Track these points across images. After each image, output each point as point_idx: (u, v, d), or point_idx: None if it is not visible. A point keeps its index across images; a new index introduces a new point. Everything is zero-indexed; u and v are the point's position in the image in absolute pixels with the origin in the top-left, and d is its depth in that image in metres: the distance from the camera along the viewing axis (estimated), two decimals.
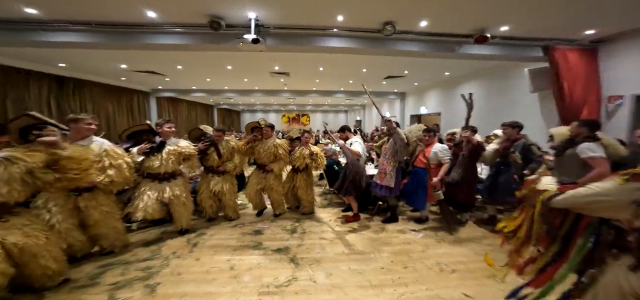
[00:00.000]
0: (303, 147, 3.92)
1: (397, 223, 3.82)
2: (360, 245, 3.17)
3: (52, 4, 3.46)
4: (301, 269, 2.65)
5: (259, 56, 5.90)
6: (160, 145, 3.07)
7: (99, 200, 2.64)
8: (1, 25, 3.88)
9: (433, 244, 3.25)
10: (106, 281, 2.40)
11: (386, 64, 7.07)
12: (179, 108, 13.04)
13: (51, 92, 7.05)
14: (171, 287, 2.33)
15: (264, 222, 3.85)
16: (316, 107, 21.48)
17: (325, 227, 3.72)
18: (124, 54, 6.04)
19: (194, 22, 4.01)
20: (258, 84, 10.54)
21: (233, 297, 2.21)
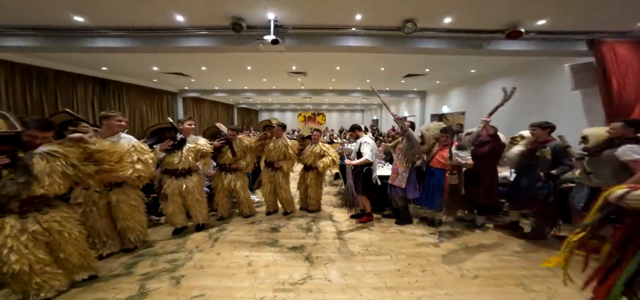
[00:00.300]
0: (313, 145, 4.00)
1: (415, 226, 3.72)
2: (376, 247, 3.13)
3: (96, 12, 3.78)
4: (316, 267, 2.68)
5: (277, 56, 6.02)
6: (181, 142, 3.21)
7: (128, 195, 2.81)
8: (54, 32, 4.35)
9: (454, 248, 3.13)
10: (138, 271, 2.57)
11: (406, 62, 6.89)
12: (202, 107, 13.76)
13: (95, 93, 7.83)
14: (194, 279, 2.45)
15: (280, 220, 3.93)
16: (332, 107, 21.49)
17: (341, 226, 3.72)
18: (156, 57, 6.46)
19: (217, 24, 4.18)
20: (276, 83, 10.73)
21: (250, 292, 2.28)
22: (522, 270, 2.68)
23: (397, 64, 7.18)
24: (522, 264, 2.79)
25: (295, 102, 18.24)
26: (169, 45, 4.54)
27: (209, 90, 12.03)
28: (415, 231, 3.57)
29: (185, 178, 3.23)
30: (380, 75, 8.57)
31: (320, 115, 22.74)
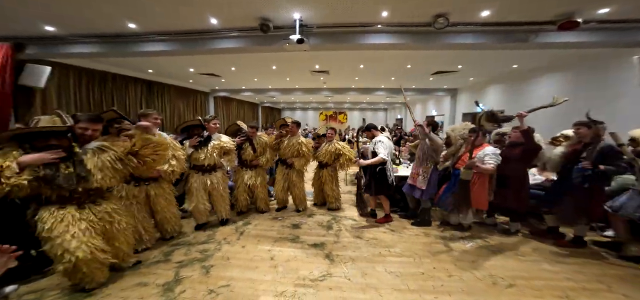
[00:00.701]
0: (328, 143, 4.06)
1: (441, 229, 3.56)
2: (399, 248, 3.06)
3: (145, 19, 4.18)
4: (336, 265, 2.69)
5: (301, 56, 6.11)
6: (206, 140, 3.34)
7: (164, 188, 3.01)
8: (112, 39, 4.92)
9: (486, 254, 2.95)
10: (174, 259, 2.77)
11: (435, 58, 6.60)
12: (230, 106, 14.57)
13: (142, 93, 8.75)
14: (221, 270, 2.58)
15: (301, 216, 3.99)
16: (354, 105, 21.27)
17: (362, 226, 3.67)
18: (192, 59, 6.94)
19: (247, 25, 4.38)
20: (299, 82, 10.89)
21: (272, 285, 2.35)
22: (567, 281, 2.45)
23: (425, 61, 6.90)
24: (567, 275, 2.55)
25: (317, 100, 18.40)
26: (204, 47, 4.87)
27: (236, 90, 12.60)
28: (442, 234, 3.42)
29: (211, 174, 3.36)
30: (406, 73, 8.31)
31: (341, 114, 22.60)
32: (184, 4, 3.60)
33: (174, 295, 2.18)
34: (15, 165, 1.78)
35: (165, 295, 2.17)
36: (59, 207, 2.01)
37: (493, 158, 3.04)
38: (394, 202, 4.33)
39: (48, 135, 1.96)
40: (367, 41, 4.48)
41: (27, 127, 2.02)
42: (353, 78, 9.62)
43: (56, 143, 1.97)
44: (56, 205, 2.02)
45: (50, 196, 2.00)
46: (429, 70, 8.01)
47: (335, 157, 4.07)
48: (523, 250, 3.05)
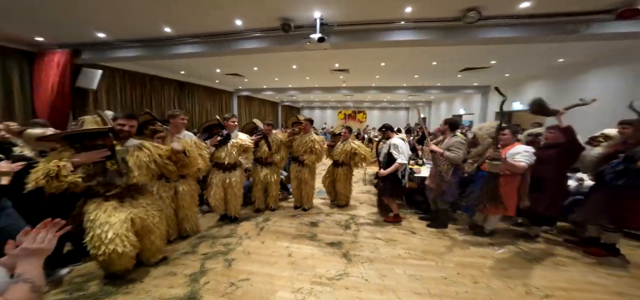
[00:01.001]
0: (344, 143, 4.07)
1: (467, 233, 3.40)
2: (420, 251, 2.97)
3: (179, 23, 4.46)
4: (353, 265, 2.67)
5: (321, 55, 6.11)
6: (226, 138, 3.41)
7: (190, 185, 3.11)
8: (151, 43, 5.35)
9: (519, 262, 2.77)
10: (200, 251, 2.91)
11: (464, 54, 6.23)
12: (252, 105, 15.07)
13: (175, 93, 9.39)
14: (242, 264, 2.68)
15: (319, 215, 4.01)
16: (374, 104, 20.76)
17: (381, 227, 3.62)
18: (218, 60, 7.25)
19: (269, 26, 4.48)
20: (318, 81, 10.91)
21: (289, 282, 2.40)
22: (617, 296, 2.24)
23: (453, 57, 6.55)
24: (619, 288, 2.33)
25: (336, 99, 18.30)
26: (230, 48, 5.08)
27: (258, 89, 12.94)
28: (468, 239, 3.26)
29: (230, 172, 3.44)
30: (431, 70, 7.99)
31: (361, 113, 22.24)
32: (213, 6, 3.76)
33: (199, 286, 2.30)
34: (70, 164, 1.95)
35: (191, 286, 2.30)
36: (103, 200, 2.16)
37: (526, 156, 2.82)
38: (417, 204, 4.23)
39: (94, 135, 2.13)
40: (389, 38, 4.37)
41: (76, 129, 2.19)
42: (373, 76, 9.45)
43: (102, 142, 2.13)
44: (101, 198, 2.17)
45: (98, 190, 2.15)
46: (456, 67, 7.62)
47: (350, 156, 4.08)
48: (561, 259, 2.83)
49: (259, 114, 15.61)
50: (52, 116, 5.47)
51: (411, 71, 8.40)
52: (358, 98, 16.65)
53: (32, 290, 0.82)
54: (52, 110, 5.59)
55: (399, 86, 11.33)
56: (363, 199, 4.82)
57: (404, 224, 3.69)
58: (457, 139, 3.34)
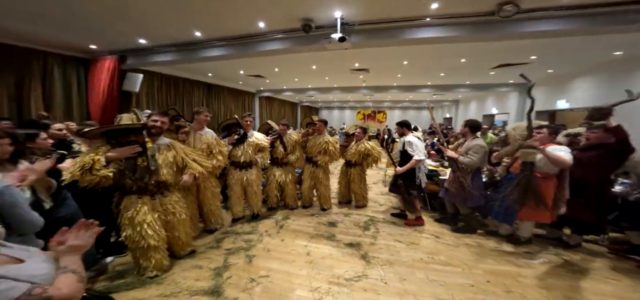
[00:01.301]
0: (358, 143, 4.05)
1: (500, 240, 3.20)
2: (444, 256, 2.85)
3: (207, 27, 4.69)
4: (372, 267, 2.63)
5: (341, 55, 6.06)
6: (243, 137, 3.47)
7: (211, 181, 3.18)
8: (183, 47, 5.71)
9: (560, 272, 2.57)
10: (224, 246, 3.02)
11: (498, 50, 5.75)
12: (273, 105, 15.52)
13: (203, 95, 9.99)
14: (262, 260, 2.74)
15: (337, 215, 3.99)
16: (395, 104, 20.14)
17: (402, 229, 3.52)
18: (242, 62, 7.46)
19: (290, 27, 4.55)
20: (337, 81, 10.85)
21: (307, 280, 2.41)
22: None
23: (485, 54, 6.10)
24: None
25: (355, 99, 18.04)
26: (253, 50, 5.24)
27: (278, 90, 13.19)
28: (499, 247, 3.07)
29: (247, 170, 3.52)
30: (459, 67, 7.57)
31: (380, 113, 21.72)
32: (237, 9, 3.88)
33: (222, 279, 2.39)
34: (103, 159, 2.06)
35: (215, 279, 2.39)
36: (137, 197, 2.26)
37: (565, 153, 2.58)
38: (441, 208, 4.04)
39: (128, 132, 2.22)
40: (413, 36, 4.22)
41: (111, 125, 2.36)
42: (395, 75, 9.21)
43: (134, 139, 2.21)
44: (135, 195, 2.26)
45: (131, 187, 2.24)
46: (489, 64, 7.12)
47: (363, 157, 4.08)
48: (611, 271, 2.59)
49: (278, 114, 15.96)
50: (103, 117, 6.09)
51: (437, 69, 8.04)
52: (378, 98, 16.29)
53: (78, 280, 0.92)
54: (103, 112, 6.23)
55: (422, 85, 10.92)
56: (382, 201, 4.73)
57: (427, 228, 3.57)
58: (477, 142, 3.17)
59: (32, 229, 1.45)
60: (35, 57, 5.62)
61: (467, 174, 3.16)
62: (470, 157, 3.11)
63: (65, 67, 6.11)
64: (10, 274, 0.81)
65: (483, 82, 9.82)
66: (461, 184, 3.13)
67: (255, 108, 13.41)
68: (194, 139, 2.99)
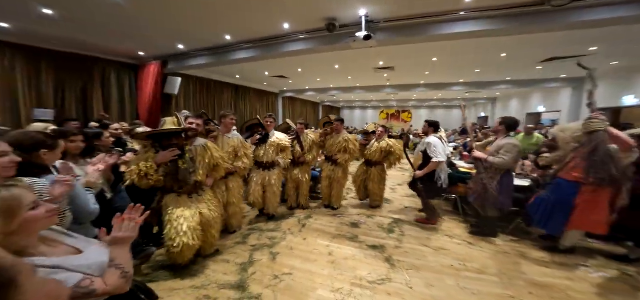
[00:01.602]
0: (379, 141, 3.96)
1: (547, 252, 2.90)
2: (479, 264, 2.67)
3: (236, 30, 4.91)
4: (397, 271, 2.54)
5: (365, 53, 5.96)
6: (265, 137, 3.47)
7: (238, 182, 3.21)
8: (215, 51, 6.07)
9: (622, 288, 2.31)
10: (250, 242, 3.09)
11: (548, 41, 5.15)
12: (295, 105, 15.83)
13: (232, 96, 10.59)
14: (285, 258, 2.77)
15: (360, 216, 3.92)
16: (421, 103, 19.16)
17: (431, 234, 3.36)
18: (266, 63, 7.70)
19: (314, 27, 4.58)
20: (360, 81, 10.72)
21: (329, 280, 2.40)
22: None
23: (531, 46, 5.49)
24: None
25: (378, 98, 17.58)
26: (278, 51, 5.38)
27: (301, 90, 13.38)
28: (543, 256, 2.80)
29: (269, 171, 3.52)
30: (498, 63, 7.02)
31: (405, 113, 20.88)
32: (263, 11, 3.99)
33: (247, 275, 2.46)
34: (154, 164, 2.18)
35: (241, 274, 2.46)
36: (177, 196, 2.37)
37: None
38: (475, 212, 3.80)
39: (170, 135, 2.31)
40: (445, 31, 4.01)
41: (156, 129, 2.40)
42: (423, 73, 8.85)
43: (175, 142, 2.31)
44: (175, 194, 2.38)
45: (172, 186, 2.36)
46: (536, 57, 6.43)
47: (385, 155, 3.99)
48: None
49: (301, 114, 16.20)
50: (149, 118, 6.75)
51: (471, 65, 7.53)
52: (403, 97, 15.72)
53: (121, 276, 0.96)
54: (149, 113, 6.90)
55: (454, 82, 10.33)
56: (408, 203, 4.56)
57: (458, 233, 3.37)
58: (510, 141, 2.94)
59: (89, 218, 1.59)
60: (96, 64, 6.42)
61: (494, 175, 2.95)
62: (502, 157, 2.90)
63: (119, 73, 6.87)
64: (66, 264, 0.86)
65: (527, 77, 8.99)
66: (484, 186, 2.94)
67: (279, 108, 13.71)
68: (222, 142, 3.05)
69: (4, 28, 4.60)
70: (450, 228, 3.53)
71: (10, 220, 0.76)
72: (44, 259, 0.83)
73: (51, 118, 5.35)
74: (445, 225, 3.63)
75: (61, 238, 1.01)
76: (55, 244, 0.97)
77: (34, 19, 4.13)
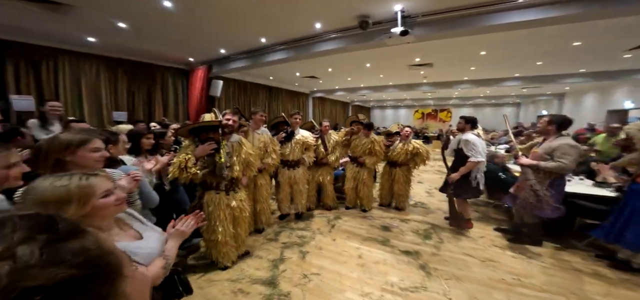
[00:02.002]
0: (404, 142, 3.87)
1: (622, 271, 2.49)
2: (538, 280, 2.37)
3: (270, 33, 5.10)
4: (433, 280, 2.37)
5: (398, 50, 5.67)
6: (290, 135, 3.41)
7: (266, 179, 3.23)
8: (252, 54, 6.38)
9: None
10: (281, 239, 3.13)
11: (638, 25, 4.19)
12: (325, 105, 15.96)
13: (266, 97, 11.21)
14: (314, 258, 2.76)
15: (393, 220, 3.75)
16: (463, 101, 17.45)
17: (476, 243, 3.07)
18: (297, 64, 7.84)
19: (346, 25, 4.52)
20: (393, 79, 10.31)
21: (358, 284, 2.32)
22: None
23: (615, 32, 4.66)
24: None
25: (413, 97, 16.52)
26: (309, 51, 5.43)
27: (331, 90, 13.37)
28: (624, 277, 2.40)
29: (294, 169, 3.50)
30: (569, 53, 6.03)
31: (444, 112, 19.41)
32: (295, 12, 4.05)
33: (278, 271, 2.50)
34: (193, 157, 2.19)
35: (272, 271, 2.51)
36: (215, 192, 2.38)
37: None
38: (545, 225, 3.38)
39: (208, 129, 2.33)
40: (499, 22, 3.60)
41: (195, 122, 2.45)
42: (467, 68, 8.12)
43: (212, 136, 2.32)
44: (214, 190, 2.38)
45: (212, 183, 2.36)
46: (621, 45, 5.44)
47: (411, 156, 3.89)
48: None
49: (330, 114, 16.25)
50: (197, 118, 7.38)
51: (531, 57, 6.58)
52: (442, 94, 14.55)
53: (163, 267, 1.05)
54: (197, 114, 7.61)
55: (507, 77, 9.24)
56: (447, 208, 4.23)
57: (514, 245, 2.99)
58: (566, 142, 2.57)
59: (150, 205, 1.82)
60: (157, 71, 7.35)
61: (544, 179, 2.64)
62: (560, 160, 2.54)
63: (175, 78, 7.78)
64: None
65: (610, 68, 7.64)
66: (535, 193, 2.60)
67: (309, 108, 13.91)
68: (252, 138, 3.11)
69: (91, 42, 5.49)
70: (500, 237, 3.19)
71: (84, 205, 0.87)
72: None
73: (125, 119, 6.27)
74: (494, 234, 3.29)
75: (131, 222, 1.15)
76: (126, 227, 1.10)
77: (112, 32, 4.85)
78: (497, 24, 3.64)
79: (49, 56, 5.41)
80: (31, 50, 5.16)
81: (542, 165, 2.62)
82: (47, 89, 5.41)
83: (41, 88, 5.34)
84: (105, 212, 0.95)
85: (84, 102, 5.96)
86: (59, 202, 0.80)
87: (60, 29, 4.73)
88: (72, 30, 4.79)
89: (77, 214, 0.85)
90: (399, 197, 4.09)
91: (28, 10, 3.83)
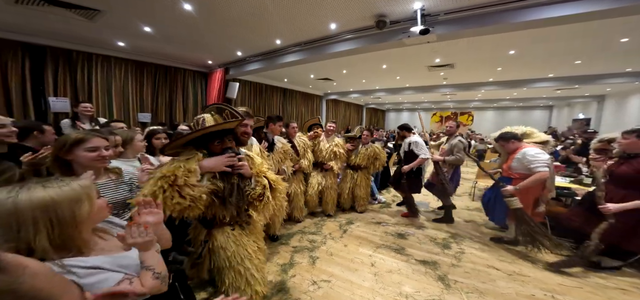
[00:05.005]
0: (366, 146, 3.92)
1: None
2: (574, 297, 2.14)
3: (285, 34, 5.07)
4: (452, 292, 2.19)
5: (418, 50, 5.44)
6: (271, 144, 3.07)
7: (284, 186, 3.20)
8: (266, 55, 6.41)
9: None
10: (292, 243, 3.05)
11: None
12: (338, 107, 15.73)
13: (280, 99, 11.33)
14: (325, 263, 2.66)
15: (408, 227, 3.57)
16: (487, 103, 16.31)
17: (502, 255, 2.82)
18: (311, 66, 7.80)
19: (362, 25, 4.39)
20: (410, 81, 9.94)
21: (370, 293, 2.19)
22: None
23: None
24: None
25: (431, 99, 15.84)
26: (324, 52, 5.35)
27: (345, 92, 13.15)
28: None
29: (326, 173, 3.63)
30: (616, 50, 5.44)
31: (464, 115, 18.49)
32: (311, 11, 3.98)
33: (287, 276, 2.42)
34: (198, 167, 1.41)
35: (281, 276, 2.43)
36: (231, 229, 1.63)
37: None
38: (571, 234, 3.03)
39: (222, 134, 1.53)
40: (532, 17, 3.28)
41: (198, 129, 1.50)
42: (493, 69, 7.61)
43: (229, 145, 1.55)
44: (229, 226, 1.62)
45: (224, 215, 1.56)
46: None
47: (372, 161, 3.94)
48: None
49: (344, 117, 16.06)
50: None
51: (568, 56, 6.04)
52: (463, 96, 13.79)
53: (154, 277, 0.92)
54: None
55: (539, 78, 8.58)
56: (468, 217, 3.97)
57: (547, 258, 2.69)
58: None
59: None
60: (178, 73, 7.62)
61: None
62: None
63: (194, 81, 8.03)
64: (106, 265, 0.87)
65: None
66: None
67: (323, 110, 13.87)
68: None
69: (121, 46, 5.79)
70: (531, 250, 2.89)
71: (92, 204, 0.85)
72: (83, 259, 0.83)
73: (149, 120, 6.62)
74: (521, 246, 3.00)
75: (114, 230, 1.04)
76: (108, 236, 1.00)
77: (139, 37, 5.09)
78: (532, 20, 3.29)
79: (84, 60, 5.77)
80: (68, 54, 5.52)
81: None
82: (81, 91, 5.77)
83: (76, 90, 5.70)
84: (98, 216, 0.92)
85: (113, 103, 6.30)
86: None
87: (93, 35, 5.03)
88: (104, 35, 5.06)
89: (91, 211, 0.84)
90: (361, 201, 4.09)
91: (69, 17, 4.11)
